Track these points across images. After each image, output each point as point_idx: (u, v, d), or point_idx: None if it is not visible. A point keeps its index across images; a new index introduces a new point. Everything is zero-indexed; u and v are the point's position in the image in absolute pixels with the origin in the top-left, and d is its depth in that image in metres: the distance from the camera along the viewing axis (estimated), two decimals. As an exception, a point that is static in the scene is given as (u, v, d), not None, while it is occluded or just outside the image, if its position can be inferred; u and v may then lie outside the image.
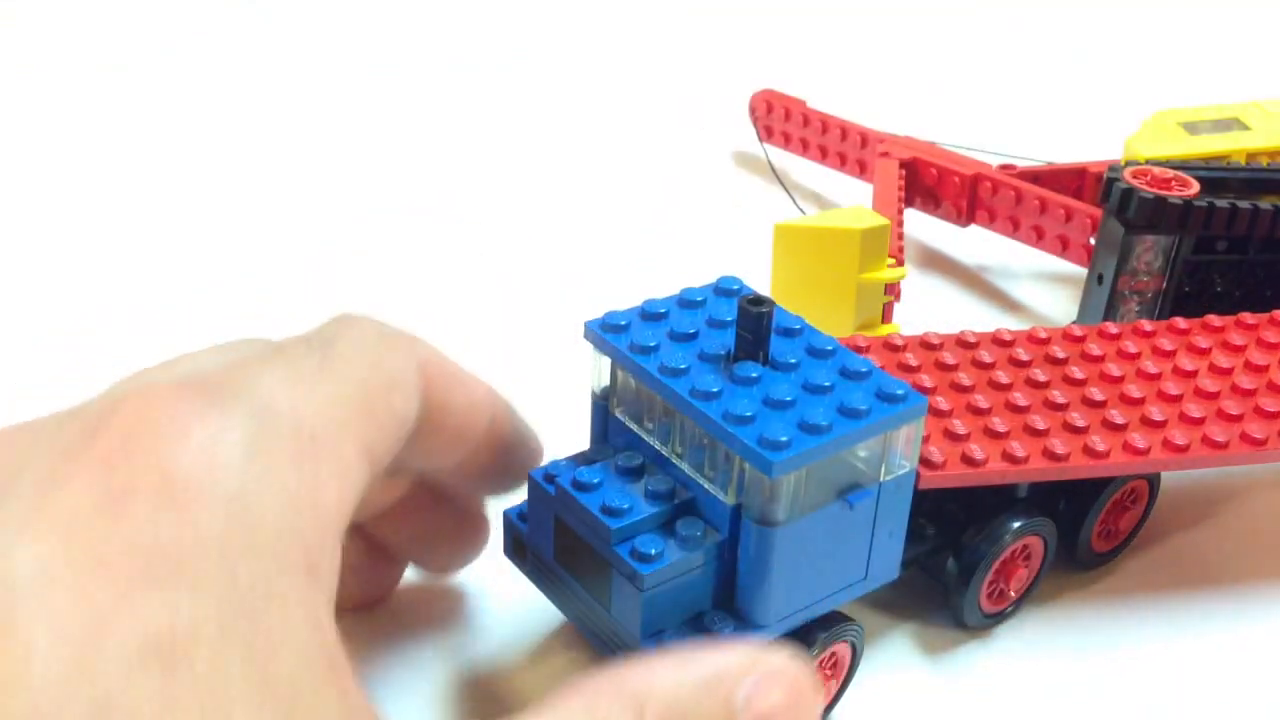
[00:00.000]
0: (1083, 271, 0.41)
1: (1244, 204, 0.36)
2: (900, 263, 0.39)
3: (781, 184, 0.52)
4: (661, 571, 0.24)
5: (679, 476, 0.26)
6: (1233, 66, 0.67)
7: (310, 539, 0.19)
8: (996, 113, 0.60)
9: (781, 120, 0.53)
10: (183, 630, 0.17)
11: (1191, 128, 0.45)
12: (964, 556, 0.29)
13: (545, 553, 0.27)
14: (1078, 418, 0.30)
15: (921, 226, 0.49)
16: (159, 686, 0.16)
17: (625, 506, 0.25)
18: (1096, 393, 0.31)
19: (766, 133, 0.54)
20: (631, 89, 0.65)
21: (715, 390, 0.24)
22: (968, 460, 0.29)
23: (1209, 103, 0.47)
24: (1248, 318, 0.34)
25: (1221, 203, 0.36)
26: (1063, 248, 0.44)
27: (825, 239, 0.38)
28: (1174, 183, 0.37)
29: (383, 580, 0.30)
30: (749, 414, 0.24)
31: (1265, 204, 0.37)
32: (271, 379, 0.21)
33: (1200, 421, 0.30)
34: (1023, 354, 0.32)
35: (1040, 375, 0.31)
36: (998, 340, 0.33)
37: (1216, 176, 0.38)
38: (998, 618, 0.31)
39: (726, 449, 0.24)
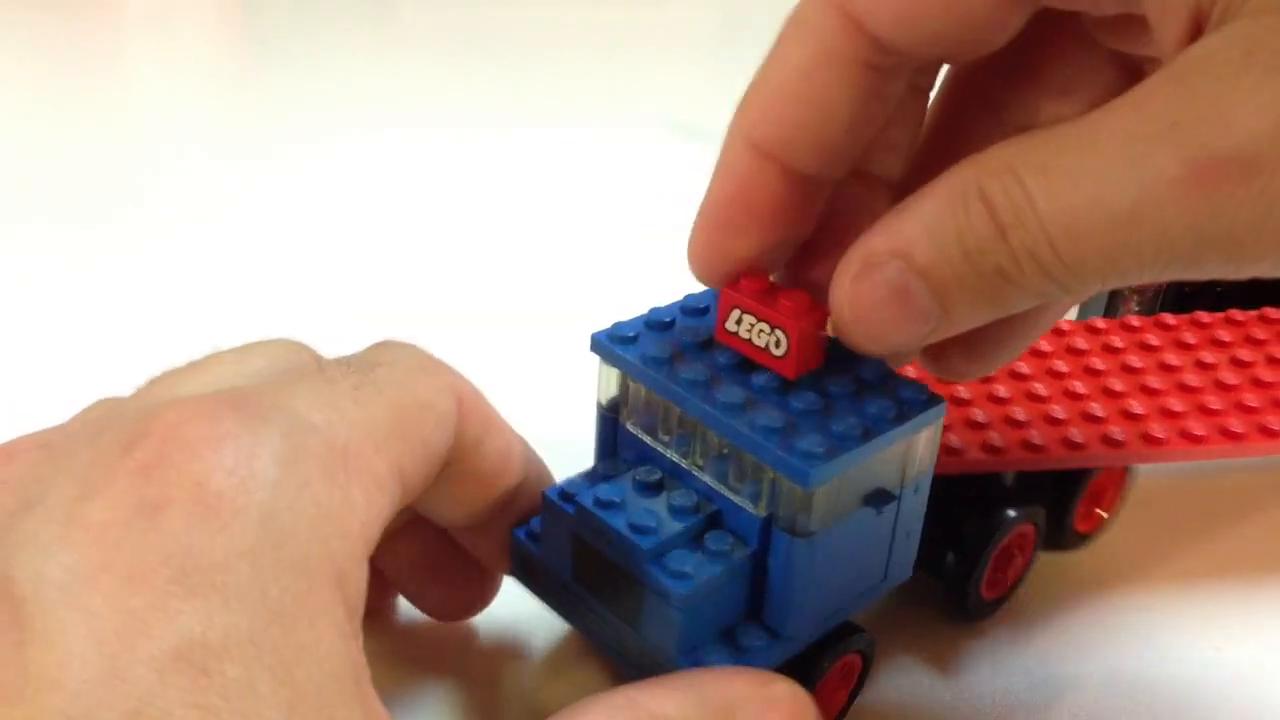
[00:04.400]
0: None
1: None
2: None
3: None
4: (696, 588, 0.23)
5: (701, 489, 0.25)
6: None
7: (339, 554, 0.19)
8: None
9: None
10: (215, 639, 0.17)
11: None
12: (965, 549, 0.30)
13: (562, 573, 0.26)
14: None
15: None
16: (190, 693, 0.17)
17: (653, 524, 0.24)
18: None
19: None
20: (628, 95, 0.64)
21: (739, 402, 0.24)
22: (988, 448, 0.30)
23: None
24: (1236, 314, 0.35)
25: None
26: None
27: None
28: None
29: (378, 597, 0.29)
30: (778, 426, 0.23)
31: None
32: (308, 396, 0.21)
33: (1219, 414, 0.31)
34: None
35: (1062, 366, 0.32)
36: None
37: None
38: (995, 605, 0.31)
39: (755, 460, 0.24)
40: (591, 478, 0.26)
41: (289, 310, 0.44)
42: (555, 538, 0.26)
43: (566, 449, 0.28)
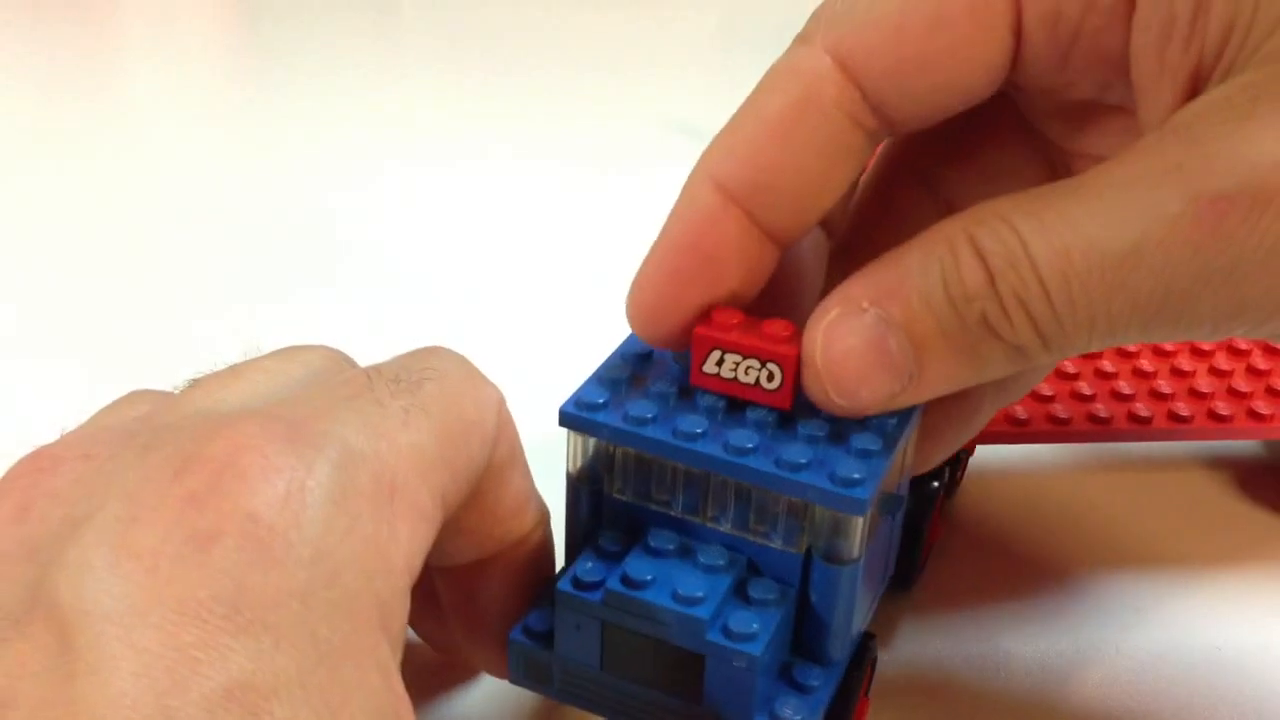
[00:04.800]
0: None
1: None
2: None
3: None
4: (768, 644, 0.23)
5: (722, 540, 0.24)
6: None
7: (384, 593, 0.19)
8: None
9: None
10: (265, 680, 0.17)
11: None
12: (907, 525, 0.31)
13: (589, 665, 0.24)
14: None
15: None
16: None
17: (699, 591, 0.23)
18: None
19: None
20: (629, 98, 0.67)
21: (753, 444, 0.23)
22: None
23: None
24: None
25: None
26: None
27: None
28: None
29: None
30: (806, 459, 0.23)
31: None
32: (357, 423, 0.20)
33: (1208, 397, 0.34)
34: None
35: None
36: None
37: None
38: (921, 569, 0.33)
39: (785, 499, 0.23)
40: (600, 559, 0.24)
41: (290, 312, 0.44)
42: (577, 631, 0.24)
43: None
